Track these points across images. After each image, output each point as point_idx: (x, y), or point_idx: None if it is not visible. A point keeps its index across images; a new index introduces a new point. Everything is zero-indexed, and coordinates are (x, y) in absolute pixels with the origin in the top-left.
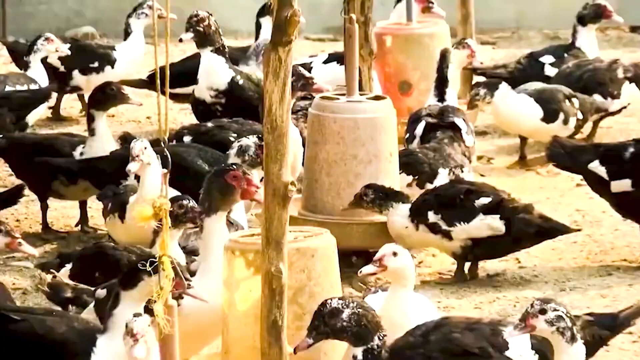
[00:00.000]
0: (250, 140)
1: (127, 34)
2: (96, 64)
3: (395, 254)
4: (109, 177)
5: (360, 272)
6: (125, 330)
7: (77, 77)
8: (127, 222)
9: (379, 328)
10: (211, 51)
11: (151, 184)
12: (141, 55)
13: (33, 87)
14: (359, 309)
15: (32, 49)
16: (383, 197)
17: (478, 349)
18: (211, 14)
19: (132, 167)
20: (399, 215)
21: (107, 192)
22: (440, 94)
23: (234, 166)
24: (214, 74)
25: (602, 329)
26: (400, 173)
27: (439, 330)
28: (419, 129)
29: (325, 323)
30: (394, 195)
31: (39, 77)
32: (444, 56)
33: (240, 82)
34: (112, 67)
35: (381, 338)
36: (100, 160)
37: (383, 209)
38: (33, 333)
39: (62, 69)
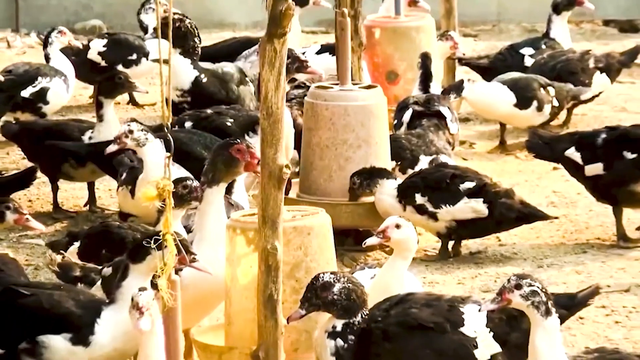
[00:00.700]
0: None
1: (142, 29)
2: (134, 56)
3: (398, 226)
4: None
5: (365, 243)
6: (131, 303)
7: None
8: (136, 198)
9: (364, 304)
10: (180, 53)
11: (153, 164)
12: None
13: (59, 78)
14: (349, 284)
15: (47, 42)
16: (368, 177)
17: (433, 323)
18: (186, 17)
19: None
20: (386, 194)
21: (124, 160)
22: (425, 88)
23: (238, 140)
24: (179, 76)
25: (560, 308)
26: None
27: (400, 305)
28: (406, 116)
29: (317, 296)
30: (377, 173)
31: (63, 67)
32: (426, 57)
33: (204, 80)
34: (147, 59)
35: (363, 316)
36: (107, 145)
37: (372, 188)
38: (41, 307)
39: (103, 63)
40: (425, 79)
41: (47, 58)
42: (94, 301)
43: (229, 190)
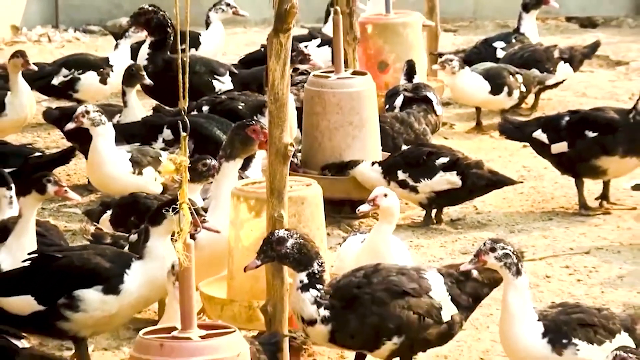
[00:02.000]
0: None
1: (207, 24)
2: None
3: (385, 195)
4: (140, 138)
5: (359, 210)
6: (171, 270)
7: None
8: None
9: (317, 256)
10: (149, 45)
11: (101, 143)
12: (221, 41)
13: (93, 71)
14: (300, 240)
15: (124, 35)
16: (338, 171)
17: (411, 289)
18: (159, 9)
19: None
20: (371, 171)
21: None
22: (409, 80)
23: (254, 121)
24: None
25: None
26: None
27: (378, 273)
28: (398, 101)
29: (272, 249)
30: (345, 166)
31: (122, 58)
32: (411, 64)
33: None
34: (197, 50)
35: (320, 264)
36: (131, 126)
37: (346, 174)
38: (73, 265)
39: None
40: (410, 74)
41: (115, 47)
42: (123, 255)
43: (246, 166)
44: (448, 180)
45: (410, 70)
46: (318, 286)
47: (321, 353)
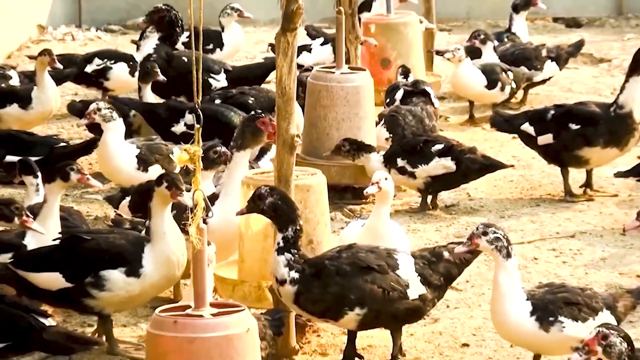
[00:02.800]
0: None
1: (222, 28)
2: (210, 46)
3: (386, 178)
4: (161, 120)
5: (366, 191)
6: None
7: None
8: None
9: (294, 222)
10: (158, 38)
11: (112, 137)
12: (241, 41)
13: (124, 62)
14: (279, 201)
15: (142, 36)
16: (355, 148)
17: (377, 265)
18: (172, 9)
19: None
20: (375, 161)
21: None
22: (405, 78)
23: (263, 114)
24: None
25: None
26: (383, 125)
27: (349, 250)
28: (399, 94)
29: (254, 202)
30: (364, 147)
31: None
32: (405, 71)
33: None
34: (221, 50)
35: (295, 231)
36: (157, 106)
37: (355, 157)
38: (100, 247)
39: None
40: (405, 76)
41: (137, 48)
42: (139, 239)
43: (259, 157)
44: (443, 165)
45: (405, 74)
46: (292, 250)
47: (325, 329)
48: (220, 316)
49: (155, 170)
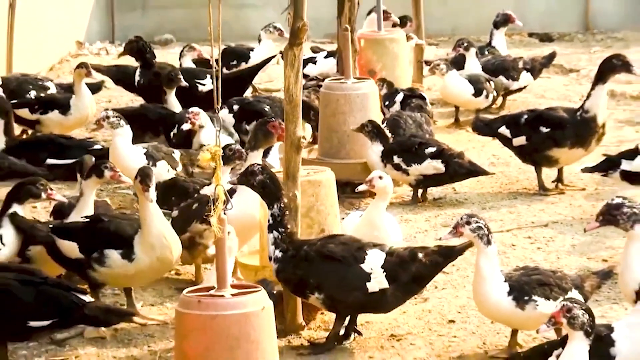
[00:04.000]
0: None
1: (259, 40)
2: (235, 62)
3: (380, 177)
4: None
5: (357, 189)
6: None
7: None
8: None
9: (278, 199)
10: (139, 66)
11: (120, 143)
12: (270, 55)
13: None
14: (267, 180)
15: (181, 55)
16: (375, 132)
17: (342, 256)
18: (141, 39)
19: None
20: (374, 154)
21: None
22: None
23: (273, 118)
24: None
25: (440, 256)
26: (385, 127)
27: (326, 240)
28: (399, 97)
29: (246, 176)
30: (380, 135)
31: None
32: (389, 84)
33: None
34: (247, 63)
35: (280, 209)
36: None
37: (372, 140)
38: (109, 229)
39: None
40: (390, 88)
41: (180, 66)
42: (134, 223)
43: (266, 154)
44: (434, 166)
45: (389, 87)
46: (280, 229)
47: None
48: (239, 296)
49: (162, 165)
